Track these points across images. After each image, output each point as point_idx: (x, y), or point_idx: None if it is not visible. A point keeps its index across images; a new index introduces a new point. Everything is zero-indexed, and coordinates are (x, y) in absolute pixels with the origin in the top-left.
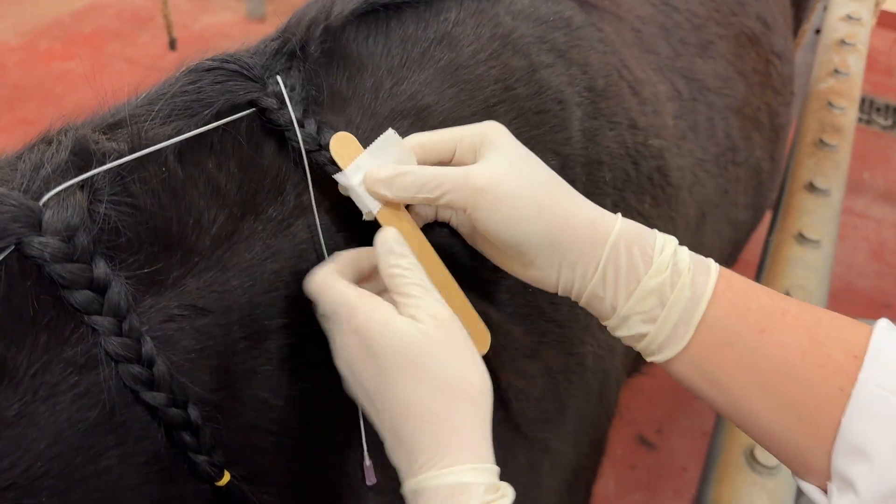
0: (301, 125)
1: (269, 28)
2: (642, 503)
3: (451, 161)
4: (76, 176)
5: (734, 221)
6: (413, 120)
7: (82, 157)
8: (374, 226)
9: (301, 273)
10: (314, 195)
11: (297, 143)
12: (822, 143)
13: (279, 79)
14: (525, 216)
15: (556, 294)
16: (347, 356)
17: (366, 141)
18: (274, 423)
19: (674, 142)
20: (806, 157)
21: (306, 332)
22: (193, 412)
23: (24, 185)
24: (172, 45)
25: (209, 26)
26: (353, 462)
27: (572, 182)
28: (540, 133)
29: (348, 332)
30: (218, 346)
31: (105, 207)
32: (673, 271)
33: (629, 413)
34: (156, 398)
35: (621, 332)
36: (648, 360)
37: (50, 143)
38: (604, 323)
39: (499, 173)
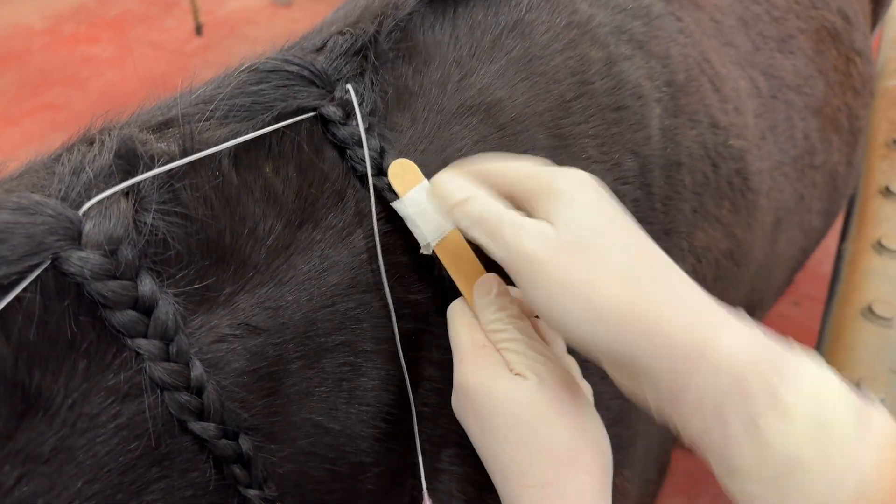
0: (366, 146)
1: (296, 13)
2: None
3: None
4: (121, 181)
5: (807, 229)
6: (483, 116)
7: (128, 160)
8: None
9: (360, 285)
10: (376, 221)
11: (360, 163)
12: (895, 144)
13: (350, 88)
14: (584, 315)
15: None
16: (456, 405)
17: (431, 137)
18: (329, 448)
19: (754, 142)
20: (878, 159)
21: (364, 349)
22: (245, 443)
23: (63, 192)
24: (198, 29)
25: (235, 11)
26: (412, 491)
27: (649, 186)
28: (619, 132)
29: (456, 383)
30: (271, 367)
31: (152, 217)
32: (817, 422)
33: None
34: (205, 429)
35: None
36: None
37: (91, 143)
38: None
39: (555, 242)
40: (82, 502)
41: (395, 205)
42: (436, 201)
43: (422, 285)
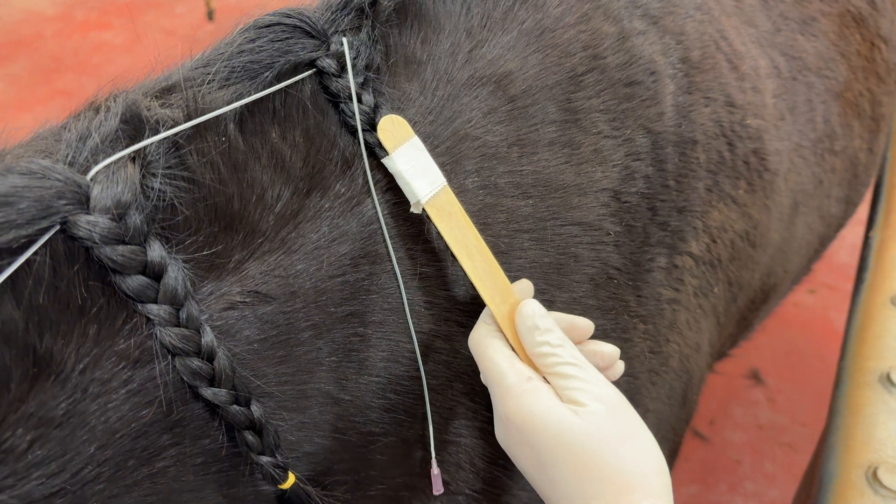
0: (358, 99)
1: (313, 1)
2: (696, 496)
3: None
4: (127, 146)
5: (826, 215)
6: (493, 88)
7: (134, 125)
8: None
9: (369, 256)
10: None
11: (352, 117)
12: None
13: (345, 40)
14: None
15: (644, 286)
16: (505, 438)
17: (440, 108)
18: (339, 418)
19: (772, 123)
20: None
21: (374, 320)
22: (257, 410)
23: (70, 157)
24: (210, 15)
25: None
26: (422, 462)
27: (662, 163)
28: (630, 107)
29: (503, 417)
30: (282, 335)
31: (160, 182)
32: None
33: None
34: (217, 395)
35: None
36: None
37: (97, 110)
38: None
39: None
40: (95, 468)
41: (385, 161)
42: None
43: (431, 257)
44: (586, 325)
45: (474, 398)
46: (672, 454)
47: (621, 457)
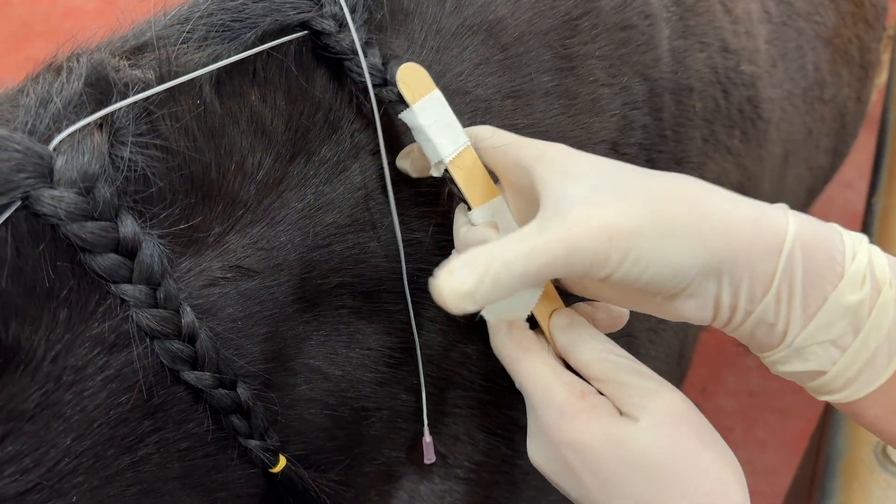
0: (364, 54)
1: None
2: None
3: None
4: (93, 112)
5: (814, 166)
6: (485, 36)
7: (100, 88)
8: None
9: (357, 224)
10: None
11: (360, 74)
12: None
13: None
14: (661, 252)
15: None
16: (552, 465)
17: (429, 62)
18: (330, 394)
19: (766, 69)
20: None
21: (363, 290)
22: (243, 392)
23: (30, 125)
24: None
25: None
26: (416, 435)
27: (659, 112)
28: (626, 52)
29: (555, 442)
30: (266, 311)
31: (130, 151)
32: (871, 285)
33: None
34: (200, 379)
35: (790, 367)
36: (823, 399)
37: (58, 71)
38: (764, 355)
39: (605, 210)
40: (72, 460)
41: (405, 115)
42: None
43: (423, 223)
44: (620, 312)
45: (470, 367)
46: None
47: (703, 468)
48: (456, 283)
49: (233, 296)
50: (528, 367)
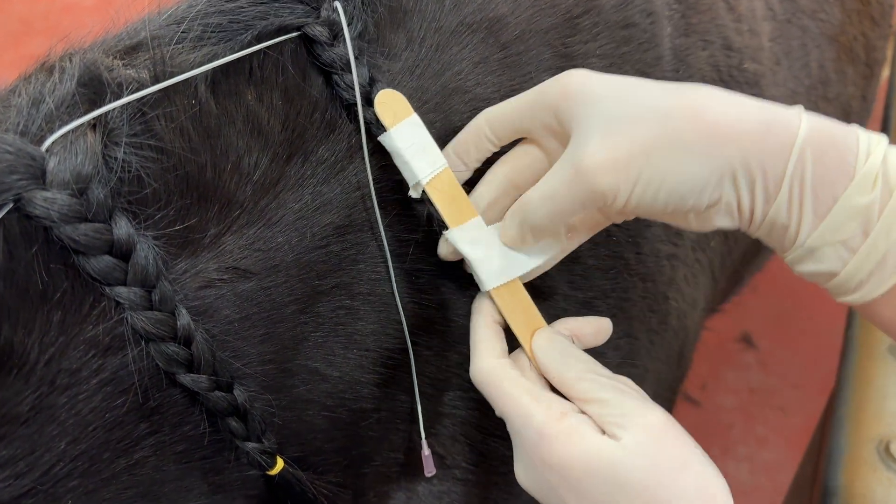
0: (354, 71)
1: None
2: None
3: (531, 132)
4: (86, 112)
5: None
6: (484, 34)
7: (93, 88)
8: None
9: (355, 225)
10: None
11: (345, 89)
12: None
13: (338, 6)
14: (671, 169)
15: (643, 242)
16: (536, 486)
17: (428, 60)
18: (328, 395)
19: (769, 67)
20: None
21: (361, 292)
22: (240, 394)
23: (21, 126)
24: None
25: None
26: (414, 438)
27: None
28: (628, 51)
29: (537, 463)
30: (263, 312)
31: (124, 151)
32: (883, 187)
33: None
34: (196, 382)
35: (806, 267)
36: (841, 300)
37: (51, 71)
38: (783, 255)
39: (616, 138)
40: (67, 463)
41: (382, 138)
42: (425, 138)
43: (420, 222)
44: (607, 325)
45: (468, 369)
46: (668, 411)
47: (684, 487)
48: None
49: (229, 297)
50: (505, 392)
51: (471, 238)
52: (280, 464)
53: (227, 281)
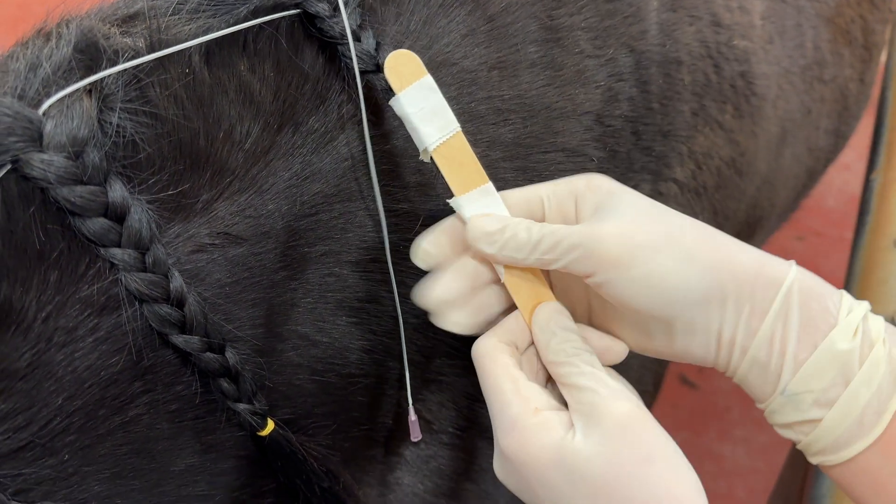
0: (357, 39)
1: None
2: (686, 443)
3: (542, 219)
4: (82, 77)
5: (814, 147)
6: (472, 7)
7: (89, 54)
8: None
9: (343, 193)
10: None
11: (351, 60)
12: None
13: None
14: (672, 270)
15: None
16: (507, 477)
17: (417, 33)
18: (317, 360)
19: (760, 45)
20: None
21: (350, 259)
22: (231, 356)
23: (19, 90)
24: None
25: None
26: (402, 403)
27: (645, 84)
28: (613, 24)
29: (506, 455)
30: (253, 277)
31: (119, 116)
32: (864, 339)
33: None
34: (188, 342)
35: (785, 418)
36: (815, 462)
37: (48, 37)
38: (762, 405)
39: (632, 226)
40: (64, 419)
41: (392, 102)
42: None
43: (407, 193)
44: (622, 349)
45: (456, 336)
46: (656, 383)
47: (647, 482)
48: (482, 223)
49: (220, 262)
50: (492, 375)
51: (477, 206)
52: (270, 425)
53: (218, 246)
